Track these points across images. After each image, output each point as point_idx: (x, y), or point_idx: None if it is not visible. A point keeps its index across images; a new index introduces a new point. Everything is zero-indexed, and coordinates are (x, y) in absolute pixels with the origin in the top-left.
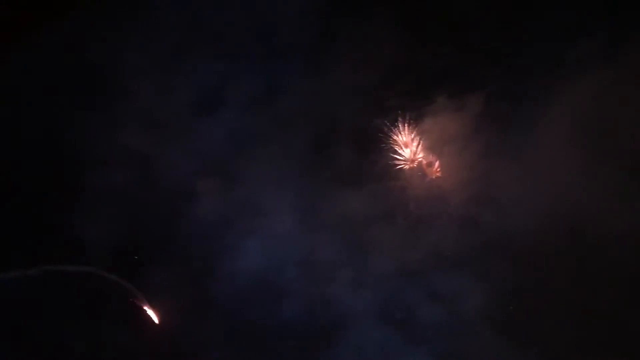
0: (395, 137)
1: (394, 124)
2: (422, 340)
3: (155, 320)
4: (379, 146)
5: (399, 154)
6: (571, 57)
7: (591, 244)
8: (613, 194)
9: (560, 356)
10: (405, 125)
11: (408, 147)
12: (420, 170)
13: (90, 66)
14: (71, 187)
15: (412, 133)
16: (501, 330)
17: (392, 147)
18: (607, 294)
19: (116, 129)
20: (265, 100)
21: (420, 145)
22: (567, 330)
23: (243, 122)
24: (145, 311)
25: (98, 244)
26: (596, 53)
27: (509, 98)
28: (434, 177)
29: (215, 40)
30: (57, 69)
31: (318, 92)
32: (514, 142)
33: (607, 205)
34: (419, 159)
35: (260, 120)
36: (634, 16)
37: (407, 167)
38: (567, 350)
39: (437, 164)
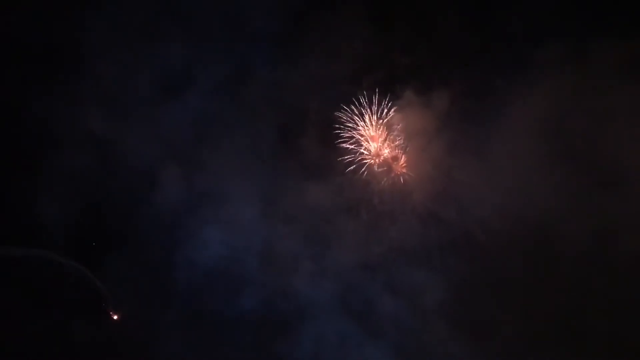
0: (361, 131)
1: (361, 117)
2: (381, 333)
3: (112, 308)
4: (345, 139)
5: (365, 148)
6: (536, 59)
7: (549, 240)
8: (570, 193)
9: (516, 349)
10: (372, 119)
11: (374, 141)
12: (385, 165)
13: (52, 46)
14: (29, 169)
15: (379, 128)
16: (458, 323)
17: (358, 141)
18: (563, 289)
19: (77, 110)
20: (230, 87)
21: (386, 140)
22: (524, 324)
23: (207, 109)
24: (102, 298)
25: (54, 227)
26: (559, 56)
27: (475, 96)
28: (399, 172)
29: (182, 23)
30: (16, 49)
31: (285, 81)
32: (477, 140)
33: (564, 204)
34: (385, 154)
35: (225, 107)
36: (596, 22)
37: (372, 161)
38: (523, 343)
39: (402, 159)
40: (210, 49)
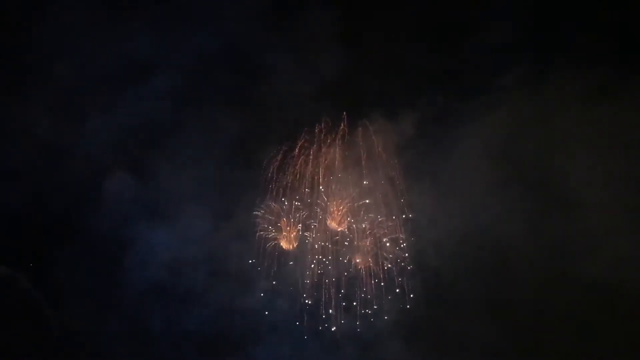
0: None
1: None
2: (335, 350)
3: (52, 321)
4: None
5: None
6: (494, 85)
7: (503, 262)
8: (523, 216)
9: None
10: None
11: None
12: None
13: None
14: None
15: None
16: (415, 342)
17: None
18: (518, 309)
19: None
20: (188, 91)
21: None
22: (480, 343)
23: (163, 109)
24: (41, 310)
25: None
26: (517, 83)
27: (431, 120)
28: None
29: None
30: None
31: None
32: (432, 163)
33: (517, 226)
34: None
35: (181, 110)
36: (555, 52)
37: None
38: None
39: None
40: (172, 46)
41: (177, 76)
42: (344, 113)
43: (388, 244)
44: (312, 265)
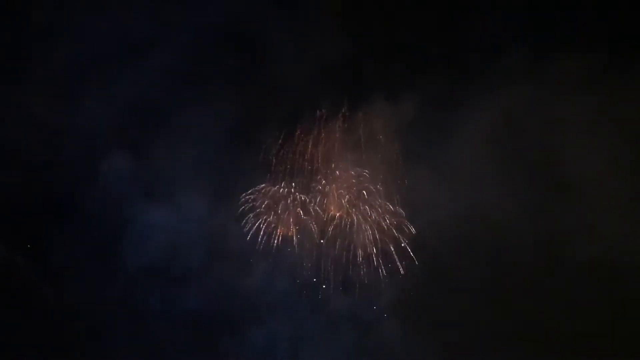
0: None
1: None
2: (334, 330)
3: (50, 300)
4: (303, 137)
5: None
6: (495, 68)
7: (502, 245)
8: (523, 199)
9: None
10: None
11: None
12: None
13: None
14: None
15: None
16: (414, 323)
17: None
18: (517, 292)
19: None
20: (190, 69)
21: None
22: (478, 324)
23: (162, 87)
24: (39, 290)
25: None
26: (518, 66)
27: (432, 103)
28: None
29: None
30: None
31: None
32: (432, 146)
33: (517, 210)
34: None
35: (181, 88)
36: (555, 35)
37: None
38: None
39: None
40: (171, 24)
41: (177, 56)
42: (345, 96)
43: (387, 226)
44: (311, 247)
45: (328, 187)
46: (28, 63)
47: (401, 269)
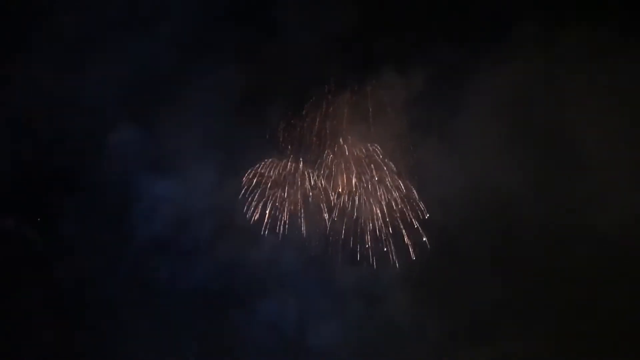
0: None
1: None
2: (342, 303)
3: (58, 273)
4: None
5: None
6: (504, 41)
7: (510, 219)
8: (532, 173)
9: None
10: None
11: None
12: None
13: None
14: None
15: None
16: (422, 298)
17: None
18: (524, 267)
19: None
20: (198, 41)
21: None
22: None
23: (171, 57)
24: (48, 262)
25: None
26: (529, 39)
27: (441, 75)
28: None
29: None
30: None
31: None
32: (440, 119)
33: (526, 184)
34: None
35: (190, 59)
36: (569, 4)
37: None
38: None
39: None
40: None
41: (184, 27)
42: (354, 69)
43: (395, 201)
44: (318, 221)
45: (336, 161)
46: (34, 34)
47: (409, 245)
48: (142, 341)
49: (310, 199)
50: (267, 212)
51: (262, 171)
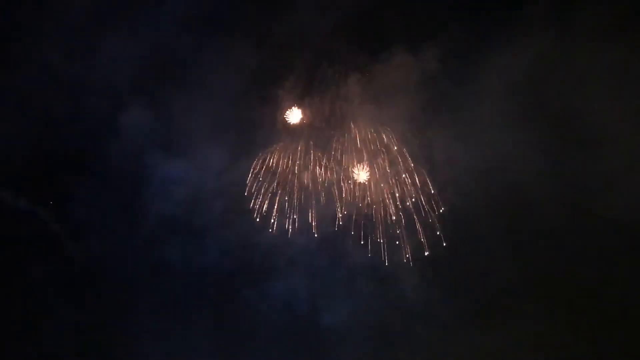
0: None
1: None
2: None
3: (72, 253)
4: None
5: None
6: (517, 18)
7: (523, 200)
8: (545, 154)
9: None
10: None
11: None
12: None
13: None
14: None
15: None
16: (429, 280)
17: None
18: (538, 248)
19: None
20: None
21: None
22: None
23: (182, 40)
24: (61, 243)
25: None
26: (542, 16)
27: (453, 55)
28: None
29: None
30: None
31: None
32: (453, 99)
33: (539, 165)
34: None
35: (202, 41)
36: None
37: None
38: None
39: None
40: None
41: (196, 7)
42: (365, 49)
43: (407, 182)
44: (330, 202)
45: (347, 143)
46: (46, 15)
47: (420, 229)
48: (154, 320)
49: (321, 179)
50: (278, 194)
51: (273, 154)
